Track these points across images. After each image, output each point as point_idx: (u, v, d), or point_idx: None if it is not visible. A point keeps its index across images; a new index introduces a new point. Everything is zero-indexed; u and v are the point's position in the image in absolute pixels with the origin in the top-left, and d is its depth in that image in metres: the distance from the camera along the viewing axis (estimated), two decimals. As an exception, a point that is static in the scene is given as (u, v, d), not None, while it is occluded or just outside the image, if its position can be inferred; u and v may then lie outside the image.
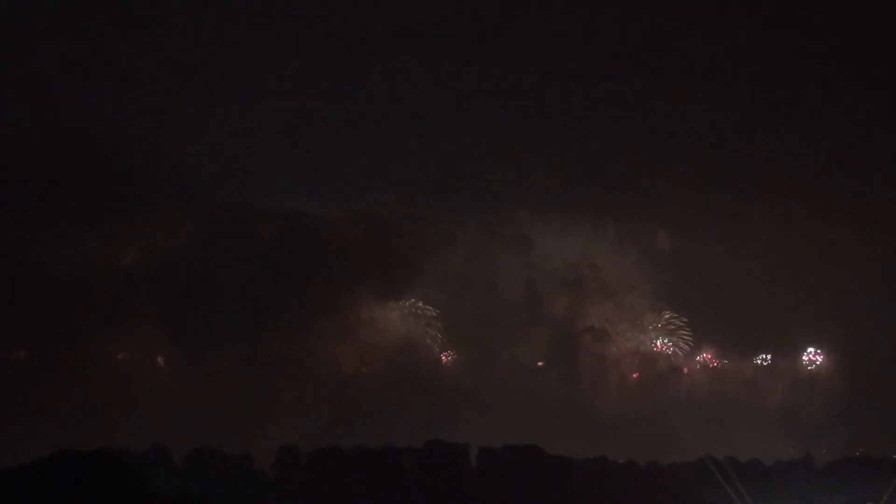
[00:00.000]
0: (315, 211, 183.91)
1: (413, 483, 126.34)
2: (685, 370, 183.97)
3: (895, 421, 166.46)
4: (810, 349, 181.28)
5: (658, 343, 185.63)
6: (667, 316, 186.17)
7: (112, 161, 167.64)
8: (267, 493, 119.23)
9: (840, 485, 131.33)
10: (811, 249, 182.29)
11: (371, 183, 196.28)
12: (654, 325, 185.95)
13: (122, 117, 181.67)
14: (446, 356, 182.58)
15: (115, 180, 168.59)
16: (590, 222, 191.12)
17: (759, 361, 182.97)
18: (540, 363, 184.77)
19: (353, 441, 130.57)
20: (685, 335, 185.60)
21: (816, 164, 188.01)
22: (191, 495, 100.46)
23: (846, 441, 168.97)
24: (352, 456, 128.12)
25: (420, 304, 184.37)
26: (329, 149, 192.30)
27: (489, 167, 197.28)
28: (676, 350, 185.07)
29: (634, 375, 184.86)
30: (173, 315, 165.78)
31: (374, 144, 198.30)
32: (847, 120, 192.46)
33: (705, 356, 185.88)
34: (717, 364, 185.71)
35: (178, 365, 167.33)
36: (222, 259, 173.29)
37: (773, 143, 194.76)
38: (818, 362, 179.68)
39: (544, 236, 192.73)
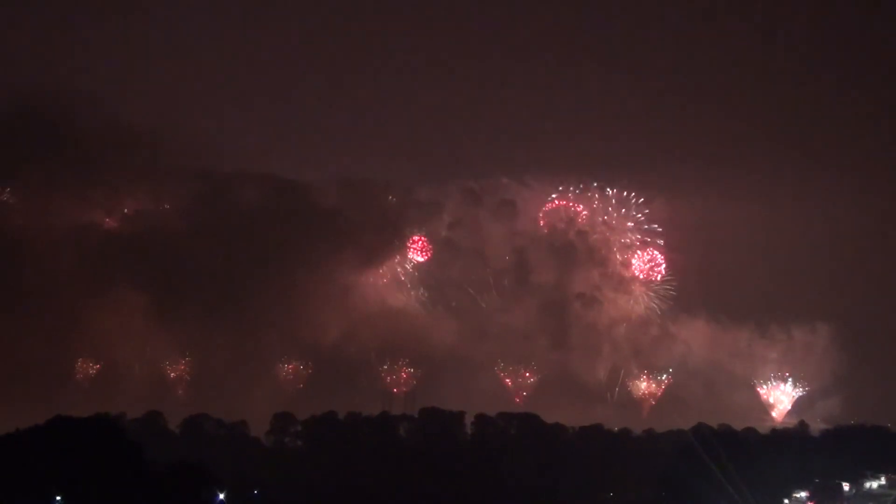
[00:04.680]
0: (298, 176, 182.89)
1: (408, 450, 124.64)
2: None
3: (890, 390, 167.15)
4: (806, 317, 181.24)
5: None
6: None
7: (95, 125, 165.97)
8: (262, 460, 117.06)
9: (835, 453, 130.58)
10: (810, 219, 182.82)
11: (353, 149, 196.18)
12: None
13: (106, 82, 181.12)
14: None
15: (100, 144, 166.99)
16: (576, 187, 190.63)
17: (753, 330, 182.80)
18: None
19: (348, 408, 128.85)
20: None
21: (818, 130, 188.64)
22: (186, 461, 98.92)
23: (841, 410, 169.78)
24: (347, 423, 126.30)
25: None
26: (313, 115, 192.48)
27: (468, 133, 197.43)
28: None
29: None
30: (158, 279, 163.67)
31: (356, 112, 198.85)
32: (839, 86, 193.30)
33: None
34: None
35: (164, 330, 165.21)
36: (206, 223, 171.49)
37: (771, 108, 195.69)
38: (814, 331, 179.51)
39: (529, 203, 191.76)
